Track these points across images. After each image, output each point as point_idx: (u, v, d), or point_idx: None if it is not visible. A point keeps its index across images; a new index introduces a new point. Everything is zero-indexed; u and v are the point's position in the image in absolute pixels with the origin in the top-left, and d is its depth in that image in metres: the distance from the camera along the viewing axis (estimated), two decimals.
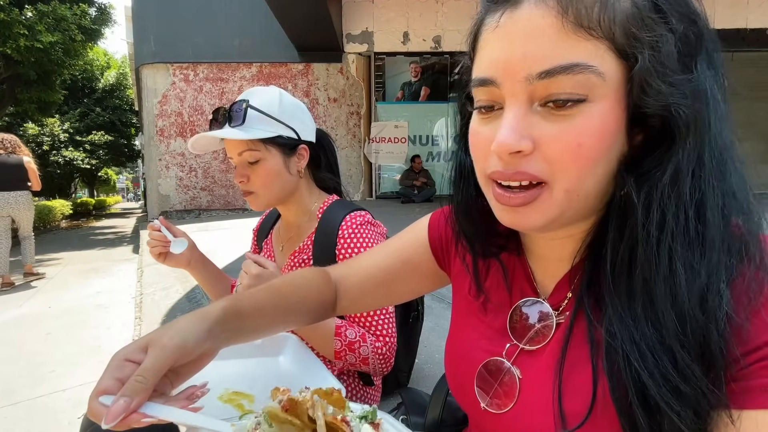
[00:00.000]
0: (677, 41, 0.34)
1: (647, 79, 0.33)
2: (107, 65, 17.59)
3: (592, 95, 0.34)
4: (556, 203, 0.37)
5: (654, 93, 0.33)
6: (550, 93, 0.34)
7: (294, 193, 0.96)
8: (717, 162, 0.34)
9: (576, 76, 0.33)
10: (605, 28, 0.33)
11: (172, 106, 8.01)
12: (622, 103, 0.34)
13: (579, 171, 0.35)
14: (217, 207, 8.14)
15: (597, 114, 0.34)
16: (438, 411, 0.68)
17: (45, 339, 2.89)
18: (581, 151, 0.34)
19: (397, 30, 7.34)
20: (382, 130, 7.86)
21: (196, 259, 1.00)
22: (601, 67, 0.33)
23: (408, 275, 0.62)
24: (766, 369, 0.31)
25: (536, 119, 0.35)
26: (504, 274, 0.50)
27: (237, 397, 0.65)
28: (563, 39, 0.33)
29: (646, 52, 0.33)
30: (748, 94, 7.89)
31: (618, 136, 0.35)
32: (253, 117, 0.89)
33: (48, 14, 7.41)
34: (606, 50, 0.33)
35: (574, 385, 0.40)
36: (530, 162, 0.36)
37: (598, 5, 0.33)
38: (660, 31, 0.33)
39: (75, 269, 5.27)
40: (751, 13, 6.81)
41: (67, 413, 1.93)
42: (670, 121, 0.34)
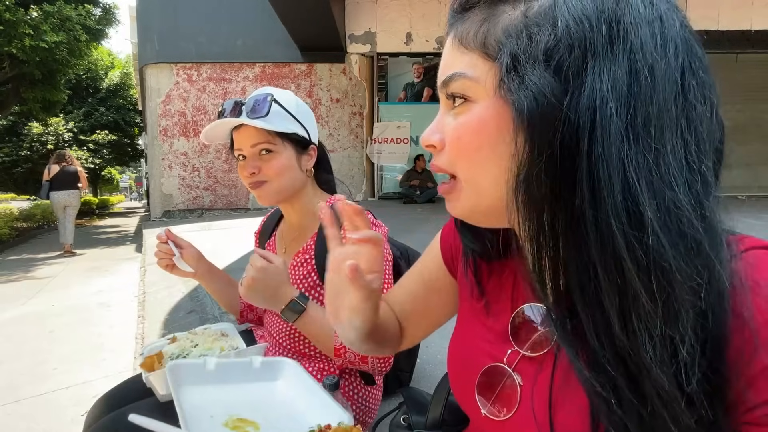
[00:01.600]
0: (556, 43, 0.34)
1: (501, 79, 0.37)
2: (111, 65, 17.69)
3: (473, 96, 0.39)
4: (464, 194, 0.42)
5: (508, 89, 0.36)
6: (449, 93, 0.41)
7: (301, 191, 0.97)
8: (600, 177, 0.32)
9: (457, 81, 0.40)
10: (478, 43, 0.39)
11: (175, 105, 8.04)
12: (501, 102, 0.37)
13: (465, 162, 0.41)
14: (220, 206, 8.16)
15: (475, 111, 0.39)
16: (439, 410, 0.68)
17: (48, 337, 2.91)
18: (461, 143, 0.40)
19: (400, 31, 7.35)
20: (385, 131, 7.86)
21: (203, 269, 1.00)
22: (473, 73, 0.39)
23: (434, 296, 0.62)
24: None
25: (449, 119, 0.42)
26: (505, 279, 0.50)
27: (243, 424, 0.65)
28: (453, 55, 0.41)
29: (503, 55, 0.37)
30: (753, 95, 7.84)
31: (501, 133, 0.38)
32: (276, 111, 0.91)
33: (53, 14, 7.45)
34: (478, 59, 0.39)
35: (572, 400, 0.38)
36: (440, 157, 0.43)
37: (474, 27, 0.39)
38: (536, 34, 0.35)
39: (78, 268, 5.29)
40: (756, 14, 6.78)
41: (70, 410, 1.94)
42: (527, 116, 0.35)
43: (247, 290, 0.78)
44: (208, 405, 0.68)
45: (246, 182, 0.95)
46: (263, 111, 0.89)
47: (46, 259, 5.87)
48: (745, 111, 7.90)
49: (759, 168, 8.02)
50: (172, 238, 0.97)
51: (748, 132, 7.98)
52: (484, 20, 0.39)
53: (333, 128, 8.09)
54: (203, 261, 1.01)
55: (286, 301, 0.80)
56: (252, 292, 0.79)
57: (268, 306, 0.82)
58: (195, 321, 2.49)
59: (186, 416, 0.61)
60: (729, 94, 7.71)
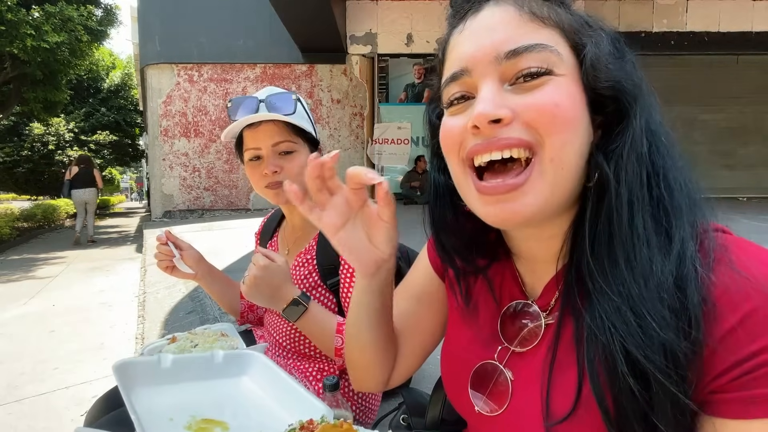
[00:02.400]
0: (609, 41, 0.41)
1: (596, 61, 0.38)
2: (112, 65, 17.70)
3: (556, 69, 0.38)
4: (543, 181, 0.38)
5: (603, 71, 0.39)
6: (520, 68, 0.38)
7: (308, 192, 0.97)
8: (662, 131, 0.40)
9: (539, 53, 0.38)
10: (556, 21, 0.39)
11: (176, 106, 8.05)
12: (579, 85, 0.39)
13: (560, 132, 0.38)
14: (220, 207, 8.17)
15: (564, 84, 0.38)
16: (438, 410, 0.68)
17: (49, 336, 2.91)
18: (559, 111, 0.37)
19: (401, 32, 7.35)
20: (385, 132, 7.86)
21: (203, 271, 1.00)
22: (558, 48, 0.39)
23: (427, 311, 0.60)
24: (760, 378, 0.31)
25: (509, 96, 0.39)
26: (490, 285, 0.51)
27: (209, 425, 0.60)
28: (523, 26, 0.39)
29: (592, 41, 0.39)
30: (754, 97, 7.84)
31: (584, 112, 0.39)
32: (300, 110, 0.91)
33: (55, 15, 7.46)
34: (559, 37, 0.39)
35: (562, 385, 0.40)
36: (512, 130, 0.38)
37: (546, 7, 0.40)
38: (598, 33, 0.41)
39: (79, 267, 5.30)
40: (757, 15, 6.78)
41: (71, 410, 1.94)
42: (619, 95, 0.39)
43: (250, 288, 0.78)
44: (166, 407, 0.62)
45: (261, 182, 0.91)
46: (290, 109, 0.89)
47: (47, 259, 5.88)
48: (746, 113, 7.89)
49: (760, 169, 8.01)
50: (172, 240, 0.96)
51: (749, 133, 7.97)
52: (550, 7, 0.40)
53: (333, 129, 8.09)
54: (203, 262, 1.01)
55: (287, 300, 0.80)
56: (254, 290, 0.78)
57: (270, 305, 0.82)
58: (195, 321, 2.49)
59: (141, 421, 0.55)
60: (730, 96, 7.71)
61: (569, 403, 0.39)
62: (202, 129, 8.09)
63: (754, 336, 0.32)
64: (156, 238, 0.97)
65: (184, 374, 0.69)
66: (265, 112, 0.88)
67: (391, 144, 7.88)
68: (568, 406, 0.39)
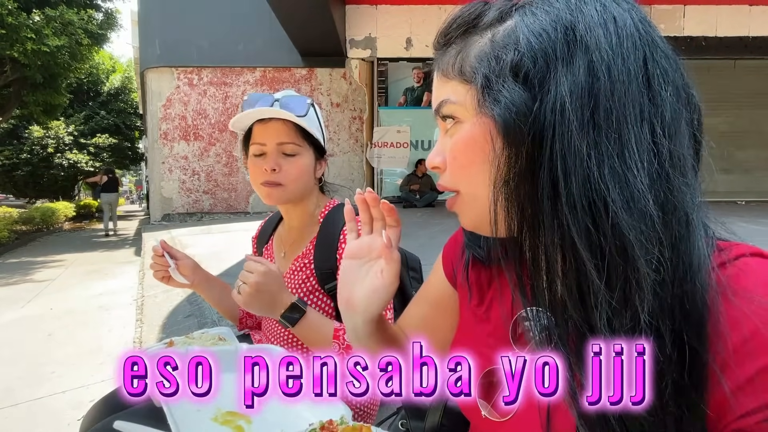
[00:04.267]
0: (521, 59, 0.37)
1: (479, 99, 0.40)
2: (112, 69, 17.73)
3: (460, 117, 0.42)
4: (468, 206, 0.44)
5: (486, 107, 0.40)
6: (442, 115, 0.45)
7: (307, 197, 0.98)
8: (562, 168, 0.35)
9: (445, 106, 0.44)
10: (456, 71, 0.43)
11: (176, 109, 8.07)
12: (484, 118, 0.40)
13: (463, 177, 0.43)
14: (219, 210, 8.16)
15: (464, 130, 0.42)
16: (437, 416, 0.68)
17: (46, 340, 2.90)
18: (456, 161, 0.43)
19: (400, 36, 7.38)
20: (385, 135, 7.88)
21: (200, 279, 1.00)
22: (455, 98, 0.42)
23: (441, 316, 0.63)
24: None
25: (447, 141, 0.45)
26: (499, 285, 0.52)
27: (233, 417, 0.61)
28: (441, 86, 0.45)
29: (477, 77, 0.40)
30: (752, 101, 7.88)
31: (490, 146, 0.40)
32: (311, 115, 0.93)
33: (55, 18, 7.48)
34: (458, 85, 0.43)
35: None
36: (444, 176, 0.46)
37: (452, 59, 0.43)
38: (502, 54, 0.39)
39: (77, 271, 5.28)
40: (754, 21, 6.82)
41: (68, 414, 1.93)
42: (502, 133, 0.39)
43: (250, 297, 0.77)
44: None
45: (259, 178, 0.92)
46: (302, 111, 0.90)
47: (46, 262, 5.86)
48: (743, 117, 7.93)
49: (758, 173, 8.04)
50: (168, 250, 0.96)
51: (746, 138, 8.00)
52: (459, 51, 0.43)
53: (333, 132, 8.11)
54: (199, 271, 1.00)
55: (284, 307, 0.80)
56: (255, 297, 0.77)
57: (267, 313, 0.81)
58: (193, 325, 2.49)
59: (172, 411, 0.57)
60: (727, 100, 7.74)
61: (572, 417, 0.38)
62: (202, 132, 8.10)
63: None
64: (152, 249, 0.97)
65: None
66: (279, 110, 0.90)
67: (390, 147, 7.89)
68: (572, 419, 0.38)
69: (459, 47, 0.43)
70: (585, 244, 0.34)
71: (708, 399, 0.33)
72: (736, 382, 0.32)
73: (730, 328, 0.33)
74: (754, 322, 0.32)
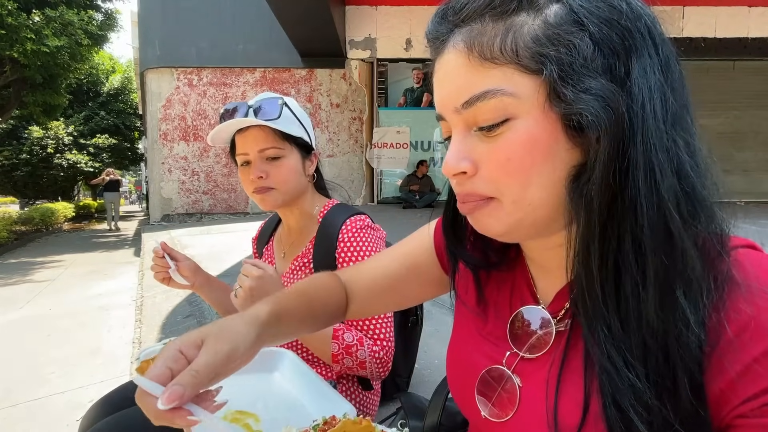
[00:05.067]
0: (595, 47, 0.35)
1: (555, 88, 0.36)
2: (112, 69, 17.73)
3: (514, 113, 0.37)
4: (507, 212, 0.39)
5: (565, 101, 0.35)
6: (477, 121, 0.38)
7: (302, 196, 0.97)
8: (654, 163, 0.34)
9: (490, 100, 0.37)
10: (507, 55, 0.36)
11: (175, 110, 8.07)
12: (550, 114, 0.36)
13: (516, 182, 0.38)
14: (219, 211, 8.16)
15: (522, 129, 0.37)
16: (436, 416, 0.68)
17: (45, 341, 2.89)
18: (510, 164, 0.37)
19: (400, 36, 7.39)
20: (384, 136, 7.89)
21: (200, 280, 0.99)
22: (511, 88, 0.36)
23: (413, 281, 0.62)
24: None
25: (475, 141, 0.39)
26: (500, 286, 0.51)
27: (242, 416, 0.62)
28: (473, 72, 0.38)
29: (552, 65, 0.35)
30: (751, 102, 7.89)
31: (555, 145, 0.37)
32: (286, 115, 0.92)
33: (55, 19, 7.48)
34: (514, 72, 0.36)
35: (571, 396, 0.39)
36: (475, 182, 0.40)
37: (498, 38, 0.37)
38: (573, 40, 0.35)
39: (77, 271, 5.28)
40: (753, 22, 6.84)
41: (67, 415, 1.92)
42: (585, 128, 0.35)
43: (245, 300, 0.77)
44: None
45: (250, 187, 0.93)
46: (274, 114, 0.90)
47: (45, 263, 5.86)
48: (742, 118, 7.94)
49: (757, 174, 8.04)
50: (168, 251, 0.95)
51: (746, 139, 8.01)
52: (505, 32, 0.36)
53: (333, 133, 8.11)
54: (200, 273, 1.00)
55: None
56: (250, 302, 0.78)
57: None
58: (193, 325, 2.48)
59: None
60: (726, 101, 7.75)
61: (577, 415, 0.38)
62: (202, 133, 8.10)
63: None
64: (152, 250, 0.97)
65: None
66: (253, 117, 0.89)
67: (390, 148, 7.90)
68: (577, 419, 0.38)
69: (501, 26, 0.37)
70: (685, 235, 0.34)
71: (708, 390, 0.33)
72: (735, 370, 0.33)
73: (727, 318, 0.33)
74: (749, 311, 0.33)
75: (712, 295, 0.34)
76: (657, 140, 0.34)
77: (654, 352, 0.34)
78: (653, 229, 0.34)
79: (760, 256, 0.36)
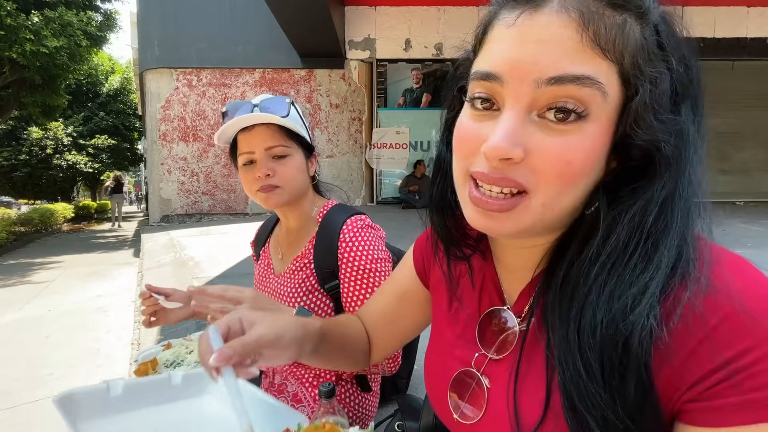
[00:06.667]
0: (673, 81, 0.36)
1: (642, 112, 0.34)
2: (111, 70, 17.73)
3: (593, 113, 0.34)
4: (531, 214, 0.37)
5: (645, 126, 0.35)
6: (556, 97, 0.34)
7: (303, 196, 0.97)
8: (685, 200, 0.36)
9: (584, 88, 0.33)
10: (617, 52, 0.34)
11: (175, 110, 8.06)
12: (612, 128, 0.36)
13: (561, 187, 0.36)
14: (219, 211, 8.15)
15: (591, 134, 0.35)
16: (431, 416, 0.68)
17: (44, 342, 2.89)
18: (568, 168, 0.35)
19: (399, 37, 7.39)
20: (384, 136, 7.88)
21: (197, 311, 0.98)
22: (607, 87, 0.34)
23: (408, 310, 0.64)
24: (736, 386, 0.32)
25: (532, 129, 0.35)
26: (472, 280, 0.52)
27: None
28: (579, 51, 0.33)
29: (647, 85, 0.34)
30: (749, 102, 7.89)
31: (601, 161, 0.37)
32: (293, 114, 0.92)
33: (54, 20, 7.48)
34: (614, 73, 0.34)
35: (533, 395, 0.40)
36: (518, 170, 0.36)
37: (616, 29, 0.34)
38: (661, 68, 0.35)
39: (76, 272, 5.27)
40: (752, 22, 6.85)
41: None
42: (653, 155, 0.36)
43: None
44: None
45: (254, 186, 0.91)
46: (283, 112, 0.89)
47: (44, 264, 5.85)
48: (741, 118, 7.95)
49: (756, 174, 8.05)
50: (155, 290, 0.93)
51: (744, 138, 8.02)
52: (621, 26, 0.34)
53: (332, 133, 8.11)
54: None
55: None
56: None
57: None
58: (191, 327, 2.48)
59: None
60: (725, 101, 7.76)
61: (539, 413, 0.38)
62: (201, 133, 8.10)
63: (729, 344, 0.32)
64: (140, 295, 0.94)
65: (139, 400, 0.63)
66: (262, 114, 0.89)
67: (389, 148, 7.89)
68: (538, 416, 0.38)
69: (617, 20, 0.34)
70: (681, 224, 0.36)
71: (656, 381, 0.34)
72: (680, 358, 0.33)
73: (672, 311, 0.34)
74: (690, 303, 0.34)
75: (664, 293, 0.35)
76: (693, 180, 0.36)
77: (605, 351, 0.34)
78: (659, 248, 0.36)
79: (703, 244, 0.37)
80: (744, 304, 0.32)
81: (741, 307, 0.32)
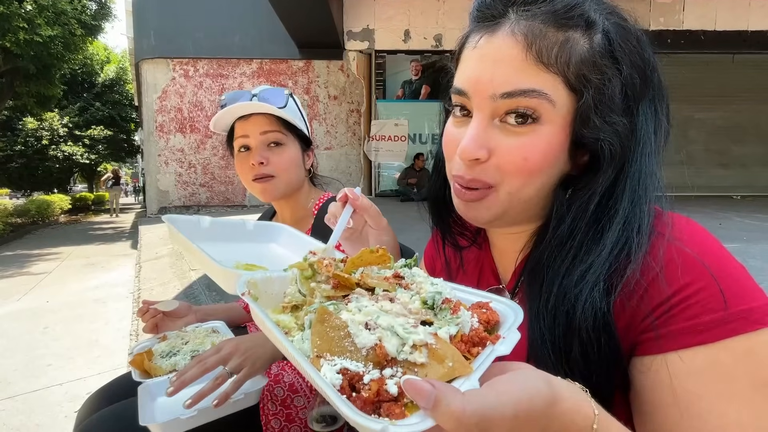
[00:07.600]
0: (623, 86, 0.41)
1: (587, 114, 0.40)
2: (107, 60, 17.51)
3: (544, 118, 0.41)
4: (499, 203, 0.45)
5: (590, 127, 0.40)
6: (509, 107, 0.41)
7: (299, 189, 0.97)
8: (632, 190, 0.42)
9: (532, 99, 0.40)
10: (560, 65, 0.39)
11: (171, 101, 7.99)
12: (567, 129, 0.41)
13: (522, 180, 0.43)
14: (216, 203, 8.13)
15: (545, 135, 0.41)
16: None
17: (42, 333, 2.89)
18: (526, 164, 0.42)
19: (398, 28, 7.32)
20: (382, 128, 7.84)
21: (200, 316, 0.98)
22: (553, 96, 0.40)
23: None
24: (676, 316, 0.37)
25: (495, 132, 0.42)
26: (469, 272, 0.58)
27: (252, 267, 0.60)
28: (525, 69, 0.40)
29: (590, 91, 0.40)
30: (750, 96, 7.87)
31: (560, 157, 0.43)
32: (291, 106, 0.92)
33: (48, 8, 7.37)
34: (559, 83, 0.40)
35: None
36: (485, 170, 0.43)
37: (557, 47, 0.39)
38: (609, 74, 0.40)
39: (73, 264, 5.26)
40: (753, 15, 6.80)
41: (64, 407, 1.93)
42: (597, 154, 0.42)
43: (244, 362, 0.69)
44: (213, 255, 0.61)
45: (249, 174, 0.91)
46: (281, 102, 0.89)
47: (41, 255, 5.84)
48: (741, 111, 7.93)
49: (755, 168, 8.06)
50: (151, 304, 0.93)
51: (744, 132, 8.01)
52: (563, 43, 0.40)
53: (330, 125, 8.06)
54: (195, 309, 0.98)
55: None
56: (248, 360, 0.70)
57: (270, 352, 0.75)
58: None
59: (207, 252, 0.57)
60: (725, 95, 7.74)
61: None
62: (198, 125, 8.04)
63: (672, 281, 0.38)
64: (137, 312, 0.94)
65: (221, 235, 0.73)
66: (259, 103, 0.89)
67: (388, 141, 7.86)
68: None
69: (560, 36, 0.40)
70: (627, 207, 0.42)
71: (617, 325, 0.40)
72: (635, 299, 0.39)
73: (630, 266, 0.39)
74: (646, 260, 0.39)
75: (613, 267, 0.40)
76: (641, 173, 0.41)
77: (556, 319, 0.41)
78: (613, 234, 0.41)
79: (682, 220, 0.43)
80: (686, 248, 0.39)
81: (684, 251, 0.39)
